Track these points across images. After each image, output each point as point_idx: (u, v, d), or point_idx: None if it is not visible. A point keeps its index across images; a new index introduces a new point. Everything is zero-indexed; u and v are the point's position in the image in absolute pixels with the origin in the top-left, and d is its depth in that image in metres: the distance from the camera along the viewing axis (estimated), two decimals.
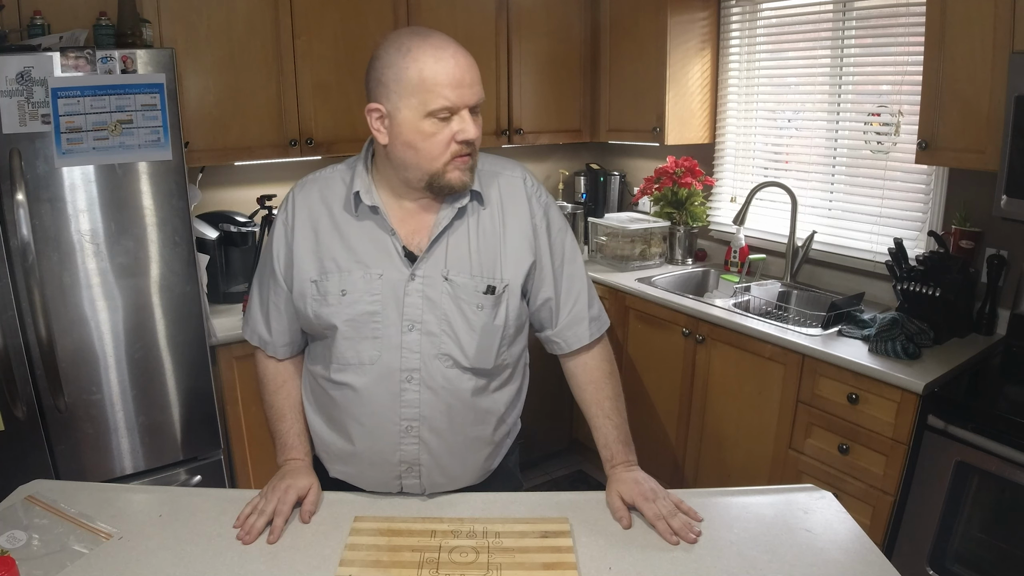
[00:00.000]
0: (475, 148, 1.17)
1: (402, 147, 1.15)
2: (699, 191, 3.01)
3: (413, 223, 1.22)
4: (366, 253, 1.20)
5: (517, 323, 1.27)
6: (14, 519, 1.14)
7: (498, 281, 1.22)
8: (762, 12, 2.79)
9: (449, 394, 1.21)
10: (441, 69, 1.10)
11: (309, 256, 1.22)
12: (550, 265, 1.29)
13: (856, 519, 1.19)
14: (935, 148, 2.00)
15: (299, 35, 2.44)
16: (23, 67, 1.73)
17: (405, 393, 1.19)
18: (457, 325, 1.19)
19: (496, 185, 1.26)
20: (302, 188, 1.28)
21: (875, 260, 2.47)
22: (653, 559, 1.08)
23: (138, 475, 2.08)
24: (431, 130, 1.12)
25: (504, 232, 1.24)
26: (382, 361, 1.19)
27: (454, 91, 1.10)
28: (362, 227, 1.21)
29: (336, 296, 1.19)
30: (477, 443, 1.27)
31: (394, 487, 1.25)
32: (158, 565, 1.05)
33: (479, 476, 1.30)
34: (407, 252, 1.20)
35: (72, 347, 1.91)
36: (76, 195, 1.85)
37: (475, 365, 1.21)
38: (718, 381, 2.44)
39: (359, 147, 1.30)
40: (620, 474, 1.24)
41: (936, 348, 2.06)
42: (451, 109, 1.11)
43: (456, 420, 1.23)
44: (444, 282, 1.19)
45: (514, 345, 1.29)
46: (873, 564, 1.07)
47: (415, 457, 1.22)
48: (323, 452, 1.30)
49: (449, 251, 1.21)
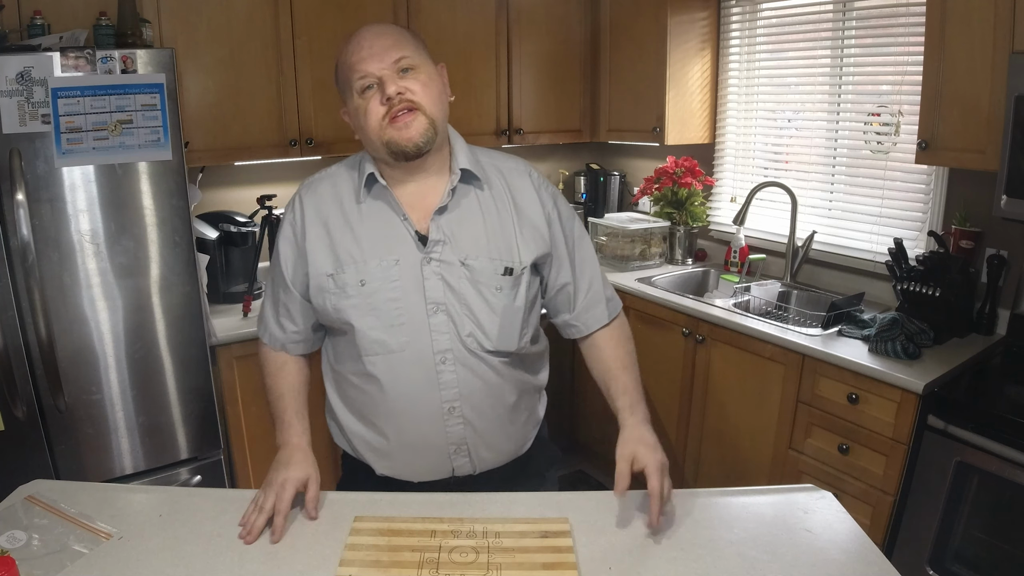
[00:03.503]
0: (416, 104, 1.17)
1: (360, 132, 1.23)
2: (699, 191, 3.02)
3: (420, 208, 1.24)
4: (380, 241, 1.21)
5: (535, 305, 1.31)
6: (14, 519, 1.14)
7: (516, 263, 1.24)
8: (762, 12, 2.79)
9: (484, 371, 1.23)
10: (352, 50, 1.18)
11: (323, 251, 1.23)
12: (565, 251, 1.32)
13: (856, 519, 1.19)
14: (935, 148, 2.00)
15: (299, 35, 2.44)
16: (23, 67, 1.73)
17: (442, 375, 1.20)
18: (477, 309, 1.21)
19: (500, 173, 1.29)
20: (308, 187, 1.30)
21: (875, 260, 2.47)
22: (653, 559, 1.07)
23: (138, 475, 2.08)
24: (363, 104, 1.18)
25: (517, 217, 1.27)
26: (412, 346, 1.19)
27: (365, 63, 1.16)
28: (373, 217, 1.23)
29: (355, 287, 1.20)
30: (515, 413, 1.30)
31: (445, 471, 1.26)
32: (158, 565, 1.05)
33: (521, 446, 1.33)
34: (420, 236, 1.22)
35: (72, 347, 1.91)
36: (76, 195, 1.85)
37: (498, 347, 1.23)
38: (718, 381, 2.44)
39: (359, 147, 1.31)
40: (637, 430, 1.21)
41: (936, 348, 2.06)
42: (370, 80, 1.16)
43: (494, 394, 1.25)
44: (461, 267, 1.21)
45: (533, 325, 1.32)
46: (873, 564, 1.07)
47: (461, 437, 1.24)
48: (367, 452, 1.30)
49: (463, 236, 1.22)
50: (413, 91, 1.17)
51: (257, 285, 2.54)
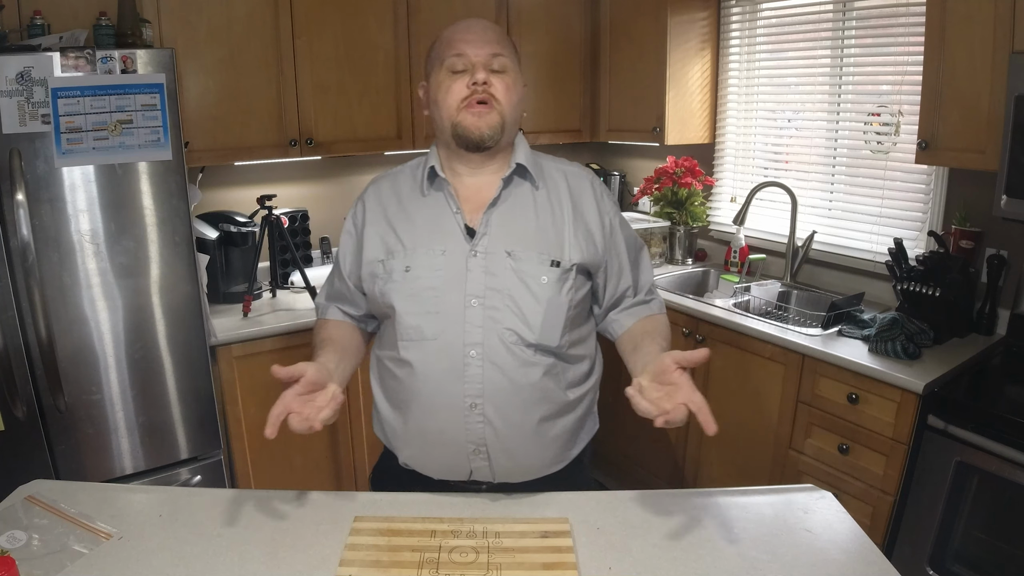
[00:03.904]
0: (496, 100, 1.23)
1: (433, 107, 1.28)
2: (699, 191, 3.01)
3: (475, 201, 1.28)
4: (430, 231, 1.26)
5: (581, 307, 1.31)
6: (14, 519, 1.14)
7: (564, 258, 1.25)
8: (762, 12, 2.79)
9: (514, 371, 1.21)
10: (458, 29, 1.25)
11: (377, 240, 1.29)
12: (628, 259, 1.37)
13: (856, 519, 1.19)
14: (935, 148, 2.00)
15: (299, 35, 2.44)
16: (23, 67, 1.73)
17: (468, 368, 1.20)
18: (521, 299, 1.21)
19: (563, 176, 1.34)
20: (374, 184, 1.38)
21: (875, 260, 2.47)
22: (653, 559, 1.07)
23: (138, 475, 2.08)
24: (448, 82, 1.23)
25: (572, 217, 1.29)
26: (444, 336, 1.21)
27: (466, 44, 1.22)
28: (428, 208, 1.28)
29: (400, 273, 1.24)
30: (545, 426, 1.26)
31: (463, 472, 1.26)
32: (158, 565, 1.05)
33: (550, 466, 1.29)
34: (469, 229, 1.25)
35: (72, 347, 1.91)
36: (76, 195, 1.85)
37: (540, 341, 1.22)
38: (718, 381, 2.44)
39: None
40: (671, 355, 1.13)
41: (936, 348, 2.06)
42: (463, 63, 1.22)
43: (522, 400, 1.22)
44: (506, 257, 1.23)
45: (578, 330, 1.31)
46: (873, 564, 1.07)
47: (480, 437, 1.22)
48: (394, 440, 1.32)
49: (511, 228, 1.25)
50: (497, 88, 1.23)
51: (257, 285, 2.54)
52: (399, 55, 2.66)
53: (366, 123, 2.63)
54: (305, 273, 2.51)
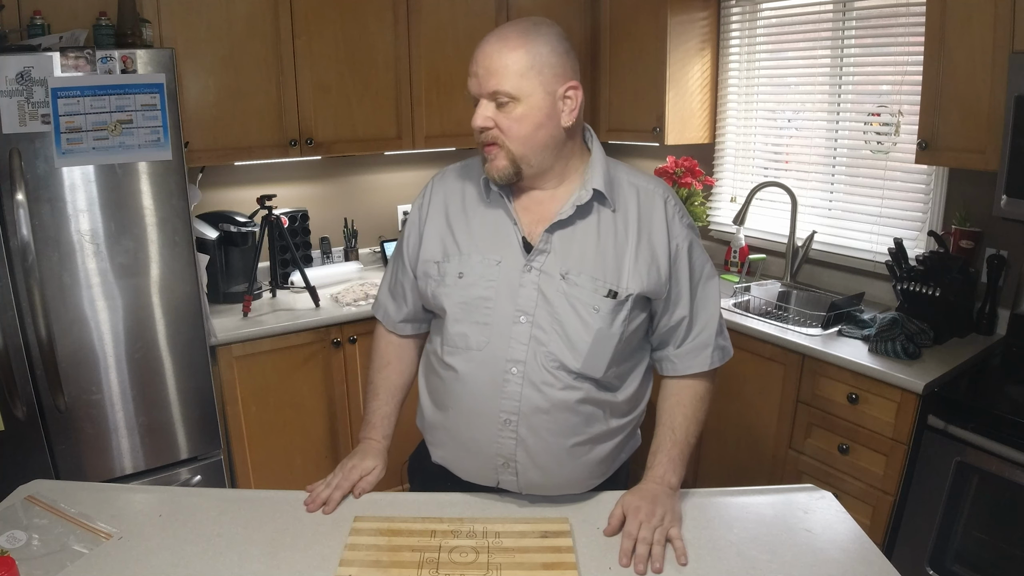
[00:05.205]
0: (498, 139, 1.16)
1: None
2: (699, 191, 3.01)
3: (537, 212, 1.22)
4: (487, 239, 1.22)
5: (633, 339, 1.23)
6: (14, 519, 1.14)
7: (621, 288, 1.18)
8: (762, 12, 2.79)
9: (553, 394, 1.17)
10: (479, 47, 1.17)
11: (436, 239, 1.26)
12: (688, 286, 1.25)
13: (856, 519, 1.19)
14: (935, 148, 2.00)
15: (299, 35, 2.44)
16: (23, 67, 1.73)
17: (507, 385, 1.18)
18: (570, 326, 1.16)
19: (635, 195, 1.23)
20: (442, 175, 1.34)
21: (875, 260, 2.47)
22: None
23: (138, 475, 2.08)
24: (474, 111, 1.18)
25: (637, 244, 1.20)
26: (490, 348, 1.18)
27: (471, 78, 1.17)
28: (489, 214, 1.24)
29: (453, 278, 1.22)
30: (580, 451, 1.21)
31: (491, 480, 1.24)
32: (158, 565, 1.05)
33: (585, 483, 1.25)
34: (526, 243, 1.20)
35: (72, 347, 1.91)
36: (76, 195, 1.85)
37: (583, 371, 1.17)
38: (718, 381, 2.43)
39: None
40: (644, 484, 1.20)
41: (936, 348, 2.06)
42: (472, 94, 1.17)
43: (558, 424, 1.18)
44: (561, 280, 1.17)
45: (628, 362, 1.25)
46: (873, 564, 1.07)
47: (511, 453, 1.20)
48: (427, 434, 1.32)
49: (570, 250, 1.18)
50: (501, 128, 1.15)
51: (257, 285, 2.54)
52: (399, 55, 2.66)
53: (366, 123, 2.62)
54: (305, 273, 2.51)
